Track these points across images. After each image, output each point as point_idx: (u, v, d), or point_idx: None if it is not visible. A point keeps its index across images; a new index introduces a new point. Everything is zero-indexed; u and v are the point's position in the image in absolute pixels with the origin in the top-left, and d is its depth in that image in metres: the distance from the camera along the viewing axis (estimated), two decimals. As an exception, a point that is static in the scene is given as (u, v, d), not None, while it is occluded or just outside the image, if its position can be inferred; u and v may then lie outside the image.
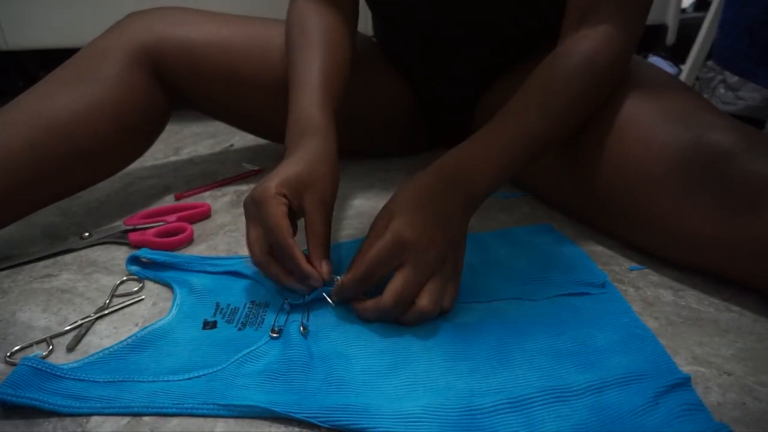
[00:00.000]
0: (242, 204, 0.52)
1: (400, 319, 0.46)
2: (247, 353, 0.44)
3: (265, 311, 0.50)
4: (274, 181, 0.50)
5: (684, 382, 0.39)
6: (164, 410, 0.39)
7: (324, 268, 0.49)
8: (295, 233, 0.50)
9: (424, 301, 0.45)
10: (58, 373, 0.42)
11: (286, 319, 0.48)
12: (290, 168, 0.51)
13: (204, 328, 0.49)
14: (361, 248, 0.48)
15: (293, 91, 0.60)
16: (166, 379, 0.42)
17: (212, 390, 0.41)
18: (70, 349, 0.47)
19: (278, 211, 0.48)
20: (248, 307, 0.51)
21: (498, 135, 0.52)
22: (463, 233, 0.49)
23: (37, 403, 0.39)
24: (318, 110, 0.57)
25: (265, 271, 0.51)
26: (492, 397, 0.39)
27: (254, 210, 0.49)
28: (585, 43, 0.54)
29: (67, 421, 0.39)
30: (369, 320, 0.47)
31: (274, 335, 0.46)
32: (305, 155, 0.53)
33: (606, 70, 0.55)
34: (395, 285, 0.45)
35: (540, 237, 0.63)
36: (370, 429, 0.37)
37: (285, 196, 0.50)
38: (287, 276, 0.49)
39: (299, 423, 0.39)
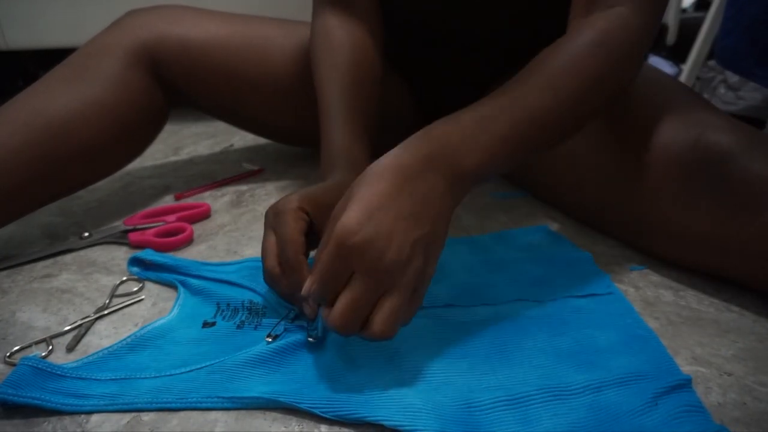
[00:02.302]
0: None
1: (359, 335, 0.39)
2: (248, 350, 0.44)
3: (265, 312, 0.50)
4: (298, 195, 0.48)
5: (685, 384, 0.39)
6: (168, 405, 0.40)
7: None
8: (307, 254, 0.47)
9: (377, 324, 0.37)
10: (59, 372, 0.42)
11: (285, 327, 0.48)
12: (318, 189, 0.50)
13: (203, 328, 0.49)
14: (319, 246, 0.40)
15: (324, 120, 0.59)
16: (168, 373, 0.42)
17: (215, 383, 0.41)
18: (70, 349, 0.47)
19: (296, 226, 0.46)
20: (247, 308, 0.51)
21: (493, 109, 0.43)
22: (443, 223, 0.40)
23: (39, 402, 0.39)
24: (350, 143, 0.56)
25: (273, 283, 0.48)
26: (490, 394, 0.39)
27: (273, 220, 0.48)
28: (596, 25, 0.48)
29: (67, 421, 0.39)
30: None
31: (269, 340, 0.46)
32: (336, 183, 0.51)
33: (621, 52, 0.47)
34: (340, 304, 0.37)
35: (539, 238, 0.62)
36: (370, 418, 0.37)
37: (307, 214, 0.48)
38: (291, 296, 0.47)
39: (299, 422, 0.39)
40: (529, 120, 0.43)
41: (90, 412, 0.40)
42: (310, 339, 0.45)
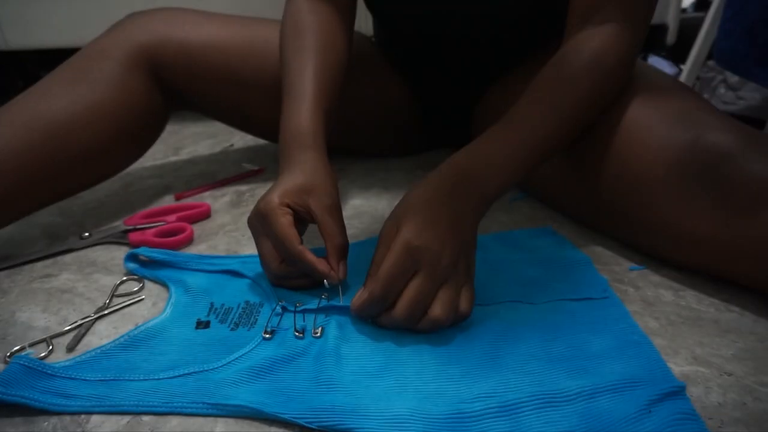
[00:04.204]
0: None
1: (414, 328, 0.45)
2: (239, 357, 0.44)
3: (259, 311, 0.50)
4: (275, 193, 0.51)
5: (679, 391, 0.39)
6: (154, 409, 0.40)
7: (341, 271, 0.50)
8: (300, 242, 0.50)
9: (437, 310, 0.43)
10: (49, 372, 0.42)
11: (279, 321, 0.48)
12: (289, 180, 0.52)
13: (197, 327, 0.49)
14: (373, 260, 0.46)
15: (285, 102, 0.60)
16: (156, 377, 0.42)
17: (201, 389, 0.41)
18: (70, 349, 0.47)
19: (284, 221, 0.49)
20: (242, 308, 0.51)
21: (507, 137, 0.51)
22: (474, 235, 0.48)
23: (27, 401, 0.39)
24: (308, 123, 0.57)
25: (284, 284, 0.52)
26: (481, 402, 0.38)
27: (260, 225, 0.50)
28: (592, 42, 0.54)
29: (67, 420, 0.39)
30: (384, 327, 0.46)
31: (267, 336, 0.46)
32: (301, 168, 0.53)
33: (614, 68, 0.54)
34: (408, 295, 0.43)
35: (541, 240, 0.62)
36: (356, 429, 0.36)
37: (289, 206, 0.50)
38: (308, 283, 0.52)
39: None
40: (537, 143, 0.51)
41: (80, 413, 0.40)
42: (298, 334, 0.46)
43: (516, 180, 0.51)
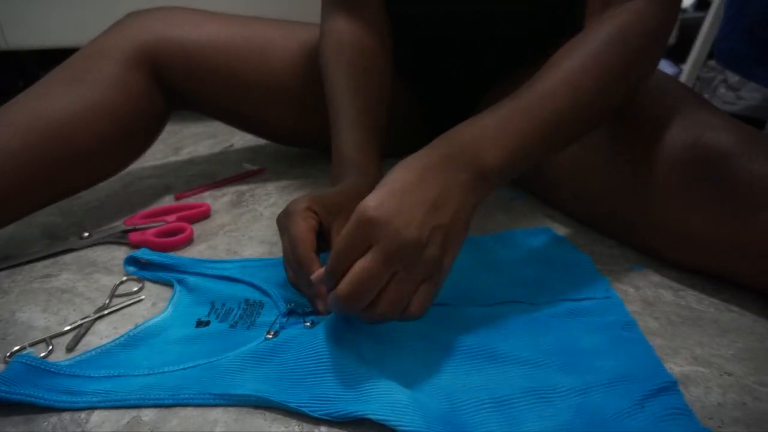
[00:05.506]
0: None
1: (357, 315, 0.39)
2: (238, 353, 0.44)
3: (260, 312, 0.50)
4: (308, 197, 0.49)
5: (671, 386, 0.39)
6: (160, 402, 0.40)
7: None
8: (319, 253, 0.48)
9: (383, 303, 0.37)
10: (52, 370, 0.42)
11: (285, 322, 0.48)
12: (327, 192, 0.51)
13: (197, 327, 0.49)
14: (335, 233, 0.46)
15: (334, 124, 0.60)
16: (160, 371, 0.42)
17: (206, 380, 0.41)
18: (70, 349, 0.47)
19: (304, 225, 0.47)
20: (243, 308, 0.51)
21: (510, 112, 0.43)
22: (462, 220, 0.39)
23: (32, 399, 0.39)
24: (359, 149, 0.57)
25: (295, 286, 0.49)
26: (475, 394, 0.39)
27: (284, 222, 0.49)
28: (613, 20, 0.47)
29: (67, 420, 0.39)
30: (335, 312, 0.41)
31: (269, 336, 0.46)
32: (344, 186, 0.52)
33: (638, 46, 0.47)
34: (351, 273, 0.36)
35: (541, 240, 0.62)
36: (357, 413, 0.37)
37: (316, 213, 0.48)
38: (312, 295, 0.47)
39: (299, 423, 0.39)
40: (548, 118, 0.43)
41: (84, 409, 0.40)
42: (307, 324, 0.46)
43: (521, 157, 0.42)
